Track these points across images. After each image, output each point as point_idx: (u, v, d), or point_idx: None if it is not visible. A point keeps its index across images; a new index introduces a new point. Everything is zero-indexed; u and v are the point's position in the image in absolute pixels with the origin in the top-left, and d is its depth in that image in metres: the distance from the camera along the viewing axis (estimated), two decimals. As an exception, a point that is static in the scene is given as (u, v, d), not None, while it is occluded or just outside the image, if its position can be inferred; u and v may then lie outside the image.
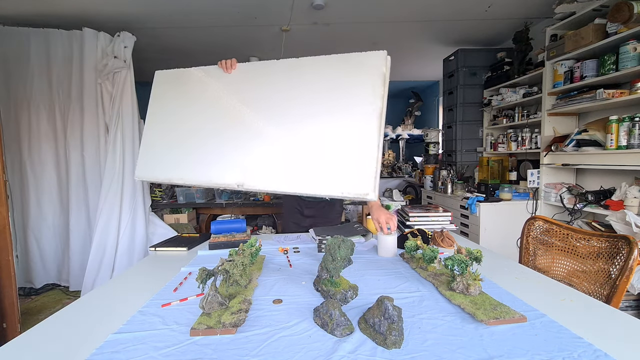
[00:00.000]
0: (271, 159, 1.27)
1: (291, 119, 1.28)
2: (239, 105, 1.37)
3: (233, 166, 1.32)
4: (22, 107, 2.83)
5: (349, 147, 1.18)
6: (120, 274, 1.36)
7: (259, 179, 1.27)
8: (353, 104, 1.21)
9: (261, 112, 1.33)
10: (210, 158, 1.37)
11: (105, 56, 2.83)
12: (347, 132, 1.19)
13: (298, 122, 1.27)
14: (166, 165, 1.44)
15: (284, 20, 3.12)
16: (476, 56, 3.63)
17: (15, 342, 0.74)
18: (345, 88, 1.23)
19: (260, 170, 1.27)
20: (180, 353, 0.68)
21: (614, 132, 2.12)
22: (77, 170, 2.90)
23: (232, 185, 1.30)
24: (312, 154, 1.22)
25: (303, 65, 1.32)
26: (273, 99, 1.33)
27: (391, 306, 0.72)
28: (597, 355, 0.65)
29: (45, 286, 2.98)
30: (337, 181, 1.16)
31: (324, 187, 1.18)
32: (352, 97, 1.21)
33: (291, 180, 1.23)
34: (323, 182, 1.18)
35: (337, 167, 1.17)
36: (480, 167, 3.36)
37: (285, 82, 1.33)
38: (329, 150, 1.20)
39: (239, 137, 1.33)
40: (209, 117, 1.40)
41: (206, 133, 1.39)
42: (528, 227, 1.46)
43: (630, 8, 1.98)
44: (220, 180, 1.33)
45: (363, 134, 1.17)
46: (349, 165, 1.16)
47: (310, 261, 1.27)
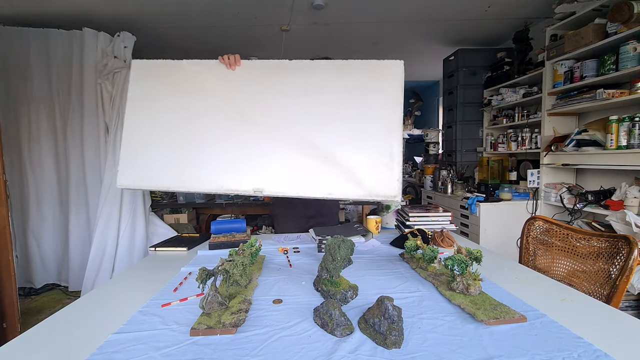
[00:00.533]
0: (291, 163, 1.21)
1: (311, 121, 1.24)
2: (249, 106, 1.27)
3: (248, 171, 1.22)
4: (22, 107, 2.83)
5: (373, 152, 1.20)
6: (120, 274, 1.35)
7: (279, 184, 1.20)
8: (375, 109, 1.23)
9: (275, 114, 1.26)
10: (220, 163, 1.24)
11: (105, 56, 2.83)
12: (370, 137, 1.21)
13: (318, 125, 1.23)
14: (162, 171, 1.26)
15: (284, 20, 3.12)
16: (476, 56, 3.63)
17: (15, 342, 0.74)
18: (365, 94, 1.24)
19: (280, 174, 1.21)
20: (180, 353, 0.68)
21: (614, 132, 2.12)
22: (77, 170, 2.90)
23: (249, 191, 1.22)
24: (335, 157, 1.21)
25: (320, 68, 1.28)
26: (287, 100, 1.26)
27: (391, 306, 0.72)
28: (597, 355, 0.65)
29: (45, 286, 2.98)
30: (363, 185, 1.17)
31: (350, 191, 1.19)
32: (373, 103, 1.23)
33: (315, 184, 1.19)
34: (349, 186, 1.19)
35: (363, 171, 1.19)
36: (480, 167, 3.36)
37: (301, 84, 1.27)
38: (353, 154, 1.20)
39: (253, 140, 1.24)
40: (215, 117, 1.28)
41: (213, 135, 1.26)
42: (528, 227, 1.46)
43: (630, 8, 1.98)
44: (234, 186, 1.22)
45: (387, 139, 1.20)
46: (374, 169, 1.18)
47: (310, 261, 1.27)
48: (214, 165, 1.24)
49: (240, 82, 1.29)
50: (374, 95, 1.23)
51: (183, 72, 1.31)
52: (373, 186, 1.17)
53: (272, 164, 1.22)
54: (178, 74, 1.31)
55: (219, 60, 1.30)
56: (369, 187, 1.18)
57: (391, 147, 1.20)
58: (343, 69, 1.27)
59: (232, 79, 1.30)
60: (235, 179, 1.23)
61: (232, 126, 1.27)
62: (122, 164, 1.26)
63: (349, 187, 1.19)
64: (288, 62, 1.29)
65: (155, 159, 1.26)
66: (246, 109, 1.27)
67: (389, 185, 1.18)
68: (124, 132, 1.29)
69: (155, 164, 1.26)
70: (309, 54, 4.07)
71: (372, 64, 1.25)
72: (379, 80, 1.24)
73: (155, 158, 1.26)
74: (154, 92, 1.31)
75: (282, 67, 1.29)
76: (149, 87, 1.31)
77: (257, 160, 1.23)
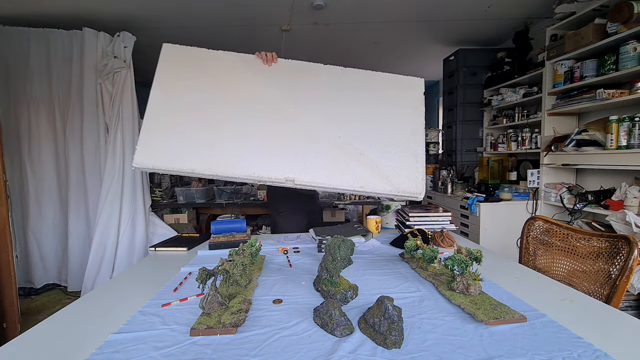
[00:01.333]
0: (323, 156, 1.28)
1: (343, 120, 1.34)
2: (283, 101, 1.34)
3: (280, 160, 1.26)
4: (22, 107, 2.83)
5: (400, 153, 1.32)
6: (120, 274, 1.35)
7: (312, 175, 1.25)
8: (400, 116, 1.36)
9: (310, 111, 1.33)
10: (251, 150, 1.25)
11: (105, 56, 2.83)
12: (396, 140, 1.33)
13: (351, 124, 1.33)
14: (187, 152, 1.21)
15: (284, 20, 3.12)
16: (476, 56, 3.63)
17: (15, 342, 0.74)
18: (390, 102, 1.38)
19: (313, 165, 1.26)
20: (180, 353, 0.68)
21: (614, 132, 2.12)
22: (77, 170, 2.90)
23: (280, 180, 1.24)
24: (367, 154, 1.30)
25: (350, 74, 1.40)
26: (320, 99, 1.35)
27: (391, 306, 0.72)
28: (597, 355, 0.65)
29: (45, 286, 2.98)
30: (392, 181, 1.28)
31: (379, 186, 1.28)
32: (398, 111, 1.37)
33: (347, 178, 1.26)
34: (379, 182, 1.28)
35: (391, 169, 1.30)
36: (480, 167, 3.36)
37: (332, 87, 1.37)
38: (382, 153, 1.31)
39: (286, 132, 1.30)
40: (248, 107, 1.31)
41: (246, 124, 1.28)
42: (528, 227, 1.46)
43: (630, 8, 1.98)
44: (266, 173, 1.23)
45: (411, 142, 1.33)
46: (401, 168, 1.30)
47: (310, 261, 1.27)
48: (245, 152, 1.25)
49: (275, 78, 1.37)
50: (399, 104, 1.38)
51: (217, 61, 1.36)
52: (400, 182, 1.27)
53: (305, 156, 1.27)
54: (212, 63, 1.36)
55: (256, 55, 1.38)
56: (397, 184, 1.27)
57: (415, 150, 1.33)
58: (371, 78, 1.41)
59: (267, 74, 1.37)
60: (267, 167, 1.24)
61: (265, 117, 1.31)
62: (143, 141, 1.20)
63: (379, 182, 1.28)
64: (322, 65, 1.40)
65: (180, 141, 1.22)
66: (280, 103, 1.33)
67: (414, 183, 1.29)
68: (148, 110, 1.25)
69: (180, 145, 1.21)
70: (309, 54, 4.08)
71: (398, 78, 1.41)
72: (404, 92, 1.40)
73: (179, 140, 1.22)
74: (185, 76, 1.32)
75: (316, 69, 1.40)
76: (179, 70, 1.33)
77: (289, 151, 1.28)
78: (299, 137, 1.29)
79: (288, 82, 1.36)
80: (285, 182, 1.24)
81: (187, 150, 1.21)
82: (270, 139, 1.28)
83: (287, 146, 1.27)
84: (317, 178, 1.24)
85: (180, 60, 1.34)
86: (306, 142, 1.29)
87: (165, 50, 1.34)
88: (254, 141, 1.27)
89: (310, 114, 1.33)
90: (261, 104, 1.32)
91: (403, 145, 1.32)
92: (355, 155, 1.29)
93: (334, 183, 1.24)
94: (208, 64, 1.35)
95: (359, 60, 4.36)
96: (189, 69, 1.33)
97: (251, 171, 1.23)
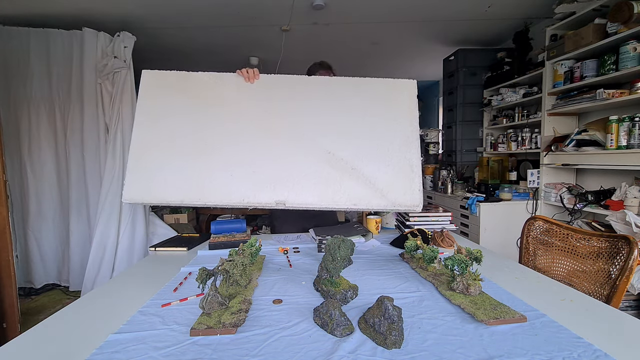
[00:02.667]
0: (314, 175, 1.22)
1: (332, 134, 1.26)
2: (268, 118, 1.27)
3: (270, 183, 1.21)
4: (22, 107, 2.83)
5: (394, 164, 1.25)
6: (120, 274, 1.35)
7: (303, 196, 1.19)
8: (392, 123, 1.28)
9: (296, 126, 1.27)
10: (239, 175, 1.21)
11: (105, 56, 2.83)
12: (390, 150, 1.27)
13: (340, 138, 1.26)
14: (175, 184, 1.20)
15: (284, 20, 3.12)
16: (476, 56, 3.63)
17: (15, 342, 0.74)
18: (382, 109, 1.29)
19: (303, 186, 1.20)
20: (180, 353, 0.68)
21: (614, 132, 2.12)
22: (77, 170, 2.90)
23: (271, 204, 1.20)
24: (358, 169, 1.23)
25: (338, 84, 1.32)
26: (307, 113, 1.28)
27: (391, 306, 0.72)
28: (597, 355, 0.65)
29: (45, 286, 2.98)
30: (387, 196, 1.20)
31: (374, 202, 1.21)
32: (390, 117, 1.29)
33: (339, 196, 1.20)
34: (373, 197, 1.21)
35: (385, 182, 1.22)
36: (480, 167, 3.37)
37: (320, 99, 1.30)
38: (375, 166, 1.24)
39: (273, 152, 1.24)
40: (233, 129, 1.26)
41: (231, 147, 1.24)
42: (528, 227, 1.46)
43: (630, 8, 1.98)
44: (256, 199, 1.20)
45: (406, 151, 1.25)
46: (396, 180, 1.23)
47: (310, 261, 1.27)
48: (232, 178, 1.21)
49: (259, 95, 1.30)
50: (390, 111, 1.30)
51: (198, 84, 1.29)
52: (396, 197, 1.20)
53: (294, 176, 1.21)
54: (193, 85, 1.29)
55: (237, 73, 1.30)
56: (392, 198, 1.20)
57: (410, 159, 1.25)
58: (360, 85, 1.32)
59: (251, 92, 1.30)
60: (256, 192, 1.21)
61: (251, 137, 1.25)
62: (130, 177, 1.19)
63: (373, 198, 1.21)
64: (307, 77, 1.33)
65: (167, 172, 1.21)
66: (265, 120, 1.27)
67: (411, 196, 1.22)
68: (132, 143, 1.23)
69: (167, 177, 1.20)
70: (309, 54, 4.08)
71: (387, 82, 1.32)
72: (395, 96, 1.31)
73: (167, 171, 1.21)
74: (166, 103, 1.27)
75: (301, 82, 1.32)
76: (161, 97, 1.28)
77: (278, 172, 1.22)
78: (287, 156, 1.24)
79: (273, 98, 1.30)
80: (276, 206, 1.21)
81: (175, 183, 1.20)
82: (258, 161, 1.23)
83: (276, 167, 1.23)
84: (308, 199, 1.19)
85: (161, 86, 1.29)
86: (295, 162, 1.23)
87: (145, 78, 1.29)
88: (242, 166, 1.23)
89: (298, 130, 1.27)
90: (246, 122, 1.27)
91: (397, 156, 1.25)
92: (347, 171, 1.23)
93: (326, 203, 1.19)
94: (190, 87, 1.29)
95: (359, 60, 4.36)
96: (170, 95, 1.28)
97: (240, 198, 1.20)
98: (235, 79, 1.31)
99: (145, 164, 1.21)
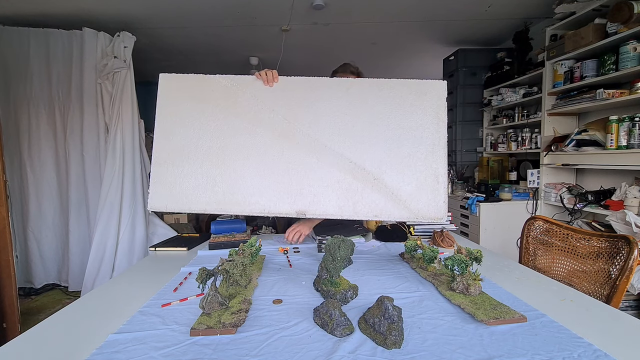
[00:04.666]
0: (336, 185, 1.19)
1: (354, 141, 1.22)
2: (288, 124, 1.23)
3: (290, 192, 1.19)
4: (22, 107, 2.83)
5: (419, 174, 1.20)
6: (120, 274, 1.35)
7: (324, 206, 1.17)
8: (418, 130, 1.21)
9: (317, 133, 1.22)
10: (259, 184, 1.20)
11: (105, 56, 2.83)
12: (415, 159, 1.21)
13: (362, 145, 1.22)
14: (197, 193, 1.20)
15: (284, 20, 3.12)
16: (476, 56, 3.63)
17: (15, 342, 0.74)
18: (407, 114, 1.22)
19: (324, 196, 1.18)
20: (180, 353, 0.68)
21: (614, 132, 2.12)
22: (77, 170, 2.90)
23: (291, 214, 1.19)
24: (380, 179, 1.20)
25: (361, 86, 1.26)
26: (328, 121, 1.23)
27: (391, 306, 0.72)
28: (597, 355, 0.65)
29: (45, 286, 2.98)
30: (410, 207, 1.16)
31: (396, 213, 1.18)
32: (417, 124, 1.22)
33: (361, 207, 1.18)
34: (395, 208, 1.18)
35: (409, 193, 1.18)
36: (480, 167, 3.36)
37: (341, 103, 1.24)
38: (398, 176, 1.20)
39: (294, 160, 1.21)
40: (253, 136, 1.23)
41: (251, 155, 1.22)
42: (528, 227, 1.46)
43: (630, 8, 1.98)
44: (276, 208, 1.19)
45: (432, 161, 1.20)
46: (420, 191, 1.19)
47: (310, 261, 1.27)
48: (253, 187, 1.20)
49: (278, 100, 1.25)
50: (416, 116, 1.23)
51: (216, 88, 1.26)
52: (419, 208, 1.16)
53: (315, 186, 1.19)
54: (211, 90, 1.26)
55: (256, 76, 1.27)
56: (415, 210, 1.16)
57: (436, 169, 1.20)
58: (383, 88, 1.25)
59: (270, 96, 1.25)
60: (277, 202, 1.19)
61: (271, 146, 1.23)
62: (153, 186, 1.20)
63: (395, 209, 1.18)
64: (327, 79, 1.27)
65: (190, 181, 1.21)
66: (285, 127, 1.23)
67: (435, 207, 1.17)
68: (154, 152, 1.23)
69: (189, 185, 1.20)
70: (309, 54, 4.08)
71: (413, 83, 1.24)
72: (421, 100, 1.23)
73: (189, 179, 1.21)
74: (185, 109, 1.25)
75: (321, 84, 1.26)
76: (180, 103, 1.25)
77: (299, 181, 1.20)
78: (307, 165, 1.21)
79: (292, 102, 1.25)
80: (296, 215, 1.20)
81: (196, 192, 1.20)
82: (278, 170, 1.21)
83: (296, 177, 1.20)
84: (329, 209, 1.17)
85: (178, 90, 1.26)
86: (316, 171, 1.20)
87: (162, 81, 1.26)
88: (262, 175, 1.21)
89: (318, 137, 1.23)
90: (266, 130, 1.23)
91: (422, 165, 1.19)
92: (369, 182, 1.19)
93: (347, 214, 1.17)
94: (207, 91, 1.26)
95: (359, 60, 4.35)
96: (188, 99, 1.25)
97: (261, 208, 1.19)
98: (253, 82, 1.26)
99: (168, 173, 1.21)
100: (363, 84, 1.26)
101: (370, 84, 1.25)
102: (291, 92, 1.26)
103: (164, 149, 1.23)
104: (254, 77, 1.26)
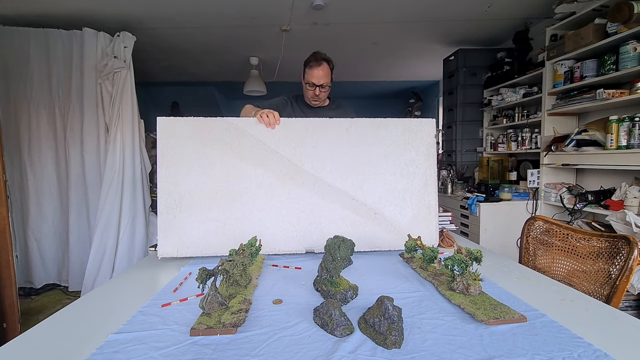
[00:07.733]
0: (339, 221, 1.27)
1: (355, 178, 1.31)
2: (291, 164, 1.29)
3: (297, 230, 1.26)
4: (22, 107, 2.83)
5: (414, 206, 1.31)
6: (120, 274, 1.35)
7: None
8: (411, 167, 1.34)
9: (320, 171, 1.30)
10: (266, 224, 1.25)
11: (105, 56, 2.83)
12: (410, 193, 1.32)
13: (362, 181, 1.31)
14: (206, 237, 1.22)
15: (284, 20, 3.12)
16: (476, 56, 3.63)
17: (15, 342, 0.74)
18: (401, 151, 1.34)
19: (330, 232, 1.22)
20: (180, 353, 0.68)
21: (614, 132, 2.12)
22: (77, 170, 2.90)
23: (301, 251, 1.26)
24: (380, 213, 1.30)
25: (358, 125, 1.34)
26: (332, 157, 1.31)
27: (391, 306, 0.72)
28: (597, 355, 0.65)
29: (45, 286, 2.98)
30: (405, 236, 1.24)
31: (395, 243, 1.29)
32: (410, 160, 1.34)
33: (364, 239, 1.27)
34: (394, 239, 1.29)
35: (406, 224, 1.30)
36: (480, 167, 3.36)
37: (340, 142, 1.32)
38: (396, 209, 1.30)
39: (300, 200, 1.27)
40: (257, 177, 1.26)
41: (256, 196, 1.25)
42: (528, 227, 1.46)
43: (630, 8, 1.98)
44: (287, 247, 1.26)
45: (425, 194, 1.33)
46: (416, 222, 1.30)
47: (310, 261, 1.27)
48: (262, 229, 1.24)
49: (281, 141, 1.30)
50: (409, 153, 1.35)
51: (217, 131, 1.27)
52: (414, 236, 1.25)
53: (322, 223, 1.26)
54: (212, 133, 1.27)
55: (257, 119, 1.29)
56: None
57: (429, 202, 1.32)
58: (379, 128, 1.35)
59: (272, 138, 1.29)
60: (286, 240, 1.26)
61: (277, 187, 1.28)
62: (162, 233, 1.22)
63: (394, 240, 1.30)
64: (328, 120, 1.34)
65: (199, 227, 1.23)
66: (290, 168, 1.29)
67: (429, 236, 1.31)
68: (159, 198, 1.23)
69: (199, 231, 1.22)
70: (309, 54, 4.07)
71: (406, 122, 1.36)
72: (413, 138, 1.35)
73: (198, 225, 1.23)
74: (188, 154, 1.25)
75: (322, 124, 1.33)
76: (181, 147, 1.25)
77: (306, 220, 1.27)
78: (313, 205, 1.28)
79: (294, 143, 1.30)
80: (306, 252, 1.27)
81: (206, 237, 1.23)
82: (286, 211, 1.27)
83: (303, 216, 1.27)
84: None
85: (179, 134, 1.26)
86: (321, 209, 1.27)
87: (161, 126, 1.26)
88: (270, 217, 1.26)
89: (321, 175, 1.29)
90: (271, 171, 1.28)
91: (416, 198, 1.32)
92: (370, 216, 1.29)
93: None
94: (209, 134, 1.26)
95: (359, 60, 4.36)
96: (190, 143, 1.25)
97: (272, 247, 1.26)
98: (255, 124, 1.30)
99: (176, 220, 1.23)
100: (363, 123, 1.35)
101: (367, 124, 1.35)
102: (294, 133, 1.31)
103: (170, 195, 1.24)
104: (256, 120, 1.30)
